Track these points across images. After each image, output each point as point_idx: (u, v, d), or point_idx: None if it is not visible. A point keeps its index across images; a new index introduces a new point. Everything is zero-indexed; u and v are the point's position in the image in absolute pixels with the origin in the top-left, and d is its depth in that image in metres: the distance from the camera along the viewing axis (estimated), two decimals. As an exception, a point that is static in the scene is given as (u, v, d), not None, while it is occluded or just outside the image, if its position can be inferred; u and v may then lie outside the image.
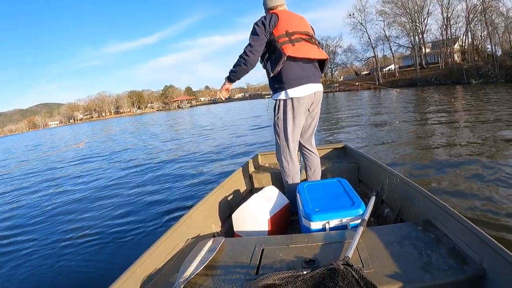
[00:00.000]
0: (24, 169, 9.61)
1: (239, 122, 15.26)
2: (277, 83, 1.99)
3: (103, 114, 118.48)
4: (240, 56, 1.95)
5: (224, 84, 2.14)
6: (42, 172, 8.42)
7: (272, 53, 1.92)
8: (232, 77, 2.07)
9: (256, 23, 1.92)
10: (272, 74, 1.93)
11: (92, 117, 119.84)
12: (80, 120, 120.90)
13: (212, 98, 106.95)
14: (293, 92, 1.95)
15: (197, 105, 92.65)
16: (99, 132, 25.85)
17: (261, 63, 2.05)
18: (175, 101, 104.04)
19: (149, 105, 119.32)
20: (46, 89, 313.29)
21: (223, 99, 2.21)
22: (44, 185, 6.60)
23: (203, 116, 27.89)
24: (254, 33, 1.90)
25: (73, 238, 3.21)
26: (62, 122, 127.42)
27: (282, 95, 1.98)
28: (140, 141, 12.37)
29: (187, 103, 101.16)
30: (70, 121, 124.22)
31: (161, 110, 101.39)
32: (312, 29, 2.13)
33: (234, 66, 2.00)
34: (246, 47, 1.93)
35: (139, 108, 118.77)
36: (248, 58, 1.92)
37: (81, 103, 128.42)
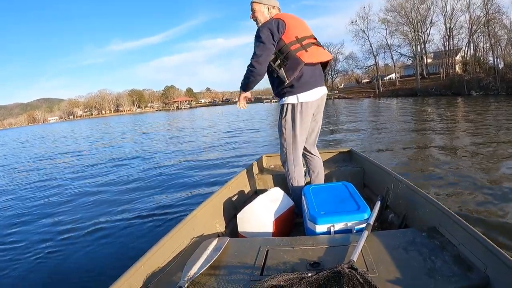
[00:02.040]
0: None
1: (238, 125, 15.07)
2: (285, 87, 1.95)
3: (103, 112, 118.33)
4: (248, 69, 1.91)
5: (240, 94, 2.16)
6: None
7: (286, 60, 1.87)
8: (244, 88, 2.07)
9: (261, 30, 1.86)
10: (287, 81, 1.89)
11: (92, 114, 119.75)
12: (79, 116, 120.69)
13: (212, 101, 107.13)
14: (303, 96, 1.93)
15: (196, 107, 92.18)
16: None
17: (271, 70, 1.97)
18: (175, 101, 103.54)
19: (149, 104, 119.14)
20: (47, 85, 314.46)
21: (245, 108, 2.25)
22: (45, 178, 6.68)
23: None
24: (260, 41, 1.84)
25: (77, 235, 3.18)
26: (61, 118, 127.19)
27: (291, 99, 1.95)
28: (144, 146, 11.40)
29: (187, 104, 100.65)
30: (70, 117, 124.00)
31: (160, 110, 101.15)
32: None
33: (244, 78, 1.99)
34: (252, 57, 1.87)
35: (139, 107, 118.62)
36: (256, 70, 1.88)
37: (81, 99, 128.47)
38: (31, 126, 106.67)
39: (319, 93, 2.00)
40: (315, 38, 2.00)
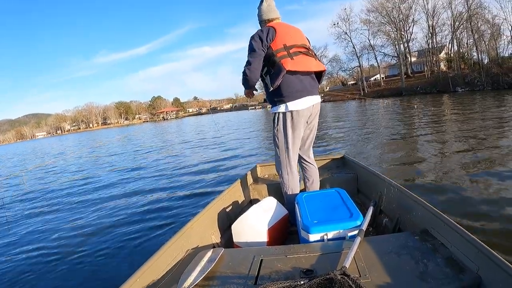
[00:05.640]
0: None
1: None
2: (276, 96, 1.97)
3: (91, 125, 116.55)
4: (242, 74, 1.98)
5: (245, 90, 2.23)
6: None
7: (271, 67, 1.90)
8: (245, 87, 2.14)
9: (252, 37, 1.92)
10: (271, 88, 1.92)
11: (79, 128, 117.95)
12: (67, 131, 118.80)
13: (199, 109, 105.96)
14: (292, 105, 1.94)
15: (183, 117, 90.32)
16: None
17: (260, 77, 2.02)
18: (161, 112, 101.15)
19: (137, 116, 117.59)
20: (35, 100, 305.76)
21: (252, 97, 2.33)
22: (39, 193, 6.61)
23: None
24: (251, 49, 1.90)
25: (71, 248, 3.13)
26: (49, 133, 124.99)
27: (281, 108, 1.98)
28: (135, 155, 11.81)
29: (173, 114, 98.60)
30: (58, 132, 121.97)
31: (148, 121, 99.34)
32: (308, 41, 2.10)
33: (242, 82, 2.06)
34: (245, 64, 1.95)
35: (126, 119, 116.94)
36: (248, 77, 1.94)
37: (68, 113, 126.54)
38: (19, 142, 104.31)
39: (310, 102, 1.97)
40: (307, 48, 1.98)
